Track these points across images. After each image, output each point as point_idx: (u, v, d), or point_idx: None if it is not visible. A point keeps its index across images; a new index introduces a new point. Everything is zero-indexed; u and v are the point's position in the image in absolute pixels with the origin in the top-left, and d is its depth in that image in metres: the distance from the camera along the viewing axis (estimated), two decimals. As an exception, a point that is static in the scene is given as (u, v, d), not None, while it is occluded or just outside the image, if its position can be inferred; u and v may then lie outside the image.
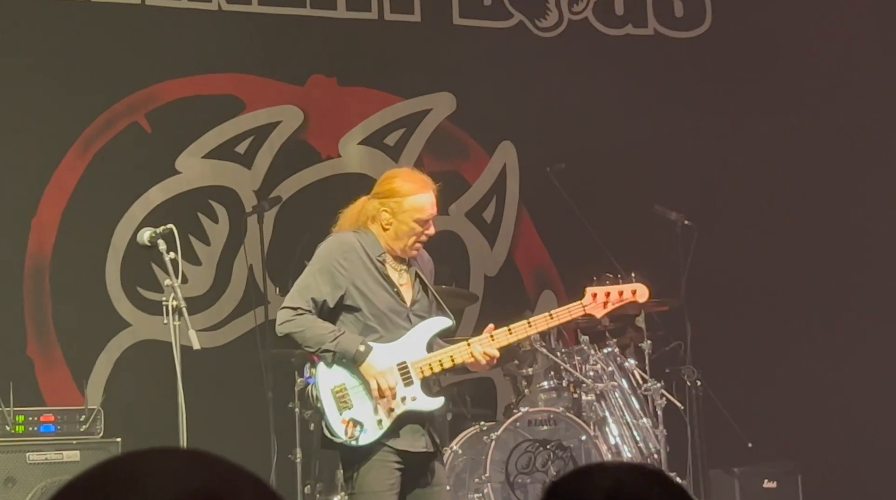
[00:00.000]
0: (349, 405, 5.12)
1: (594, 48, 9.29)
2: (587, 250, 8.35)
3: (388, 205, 5.29)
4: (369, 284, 5.22)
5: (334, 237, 5.39)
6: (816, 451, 8.55)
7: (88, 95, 8.28)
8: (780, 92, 9.27)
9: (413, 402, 5.19)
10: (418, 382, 5.20)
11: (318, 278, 5.22)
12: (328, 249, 5.31)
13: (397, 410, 5.15)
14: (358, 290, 5.20)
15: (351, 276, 5.20)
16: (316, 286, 5.20)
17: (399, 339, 5.23)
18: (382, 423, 5.13)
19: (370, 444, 5.12)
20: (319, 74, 8.82)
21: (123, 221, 8.25)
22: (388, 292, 5.25)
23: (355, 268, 5.21)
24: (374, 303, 5.21)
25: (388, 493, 5.11)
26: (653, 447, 7.38)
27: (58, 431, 7.00)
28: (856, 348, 8.99)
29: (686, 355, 7.95)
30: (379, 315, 5.21)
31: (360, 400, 5.14)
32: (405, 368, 5.20)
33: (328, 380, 5.16)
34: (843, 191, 9.25)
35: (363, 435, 5.10)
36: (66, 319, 8.14)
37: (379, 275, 5.25)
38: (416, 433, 5.21)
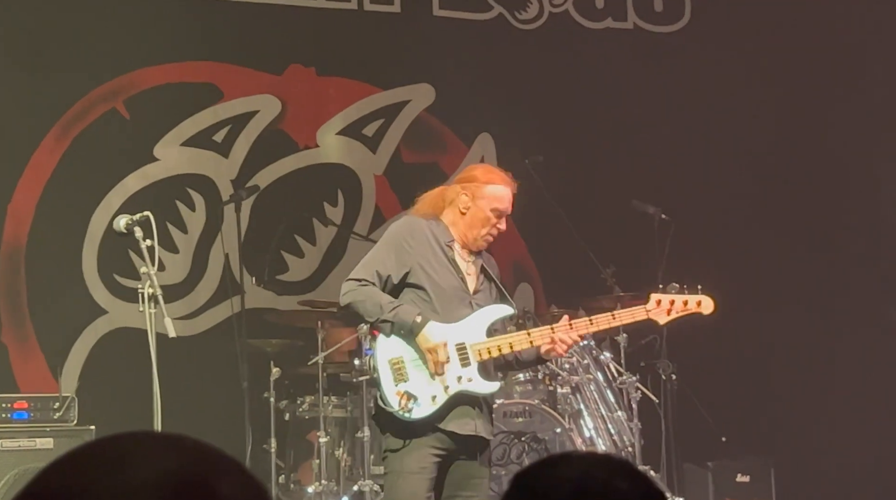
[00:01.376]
0: (405, 378, 5.11)
1: (574, 41, 9.30)
2: (565, 243, 8.36)
3: (469, 189, 5.35)
4: (434, 265, 5.24)
5: (405, 218, 5.45)
6: (789, 446, 8.59)
7: (66, 80, 8.24)
8: (758, 86, 9.30)
9: (469, 383, 5.17)
10: (476, 364, 5.19)
11: (384, 254, 5.24)
12: (397, 227, 5.36)
13: (453, 388, 5.14)
14: (423, 269, 5.21)
15: (417, 255, 5.22)
16: (381, 261, 5.22)
17: (460, 321, 5.22)
18: (437, 399, 5.11)
19: (423, 419, 5.09)
20: (298, 64, 8.81)
21: (100, 207, 8.23)
22: (453, 275, 5.27)
23: (422, 248, 5.24)
24: (437, 283, 5.22)
25: (418, 476, 5.08)
26: (627, 440, 7.40)
27: (31, 418, 6.97)
28: (830, 344, 9.04)
29: (661, 349, 7.97)
30: (441, 296, 5.20)
31: (416, 374, 5.13)
32: (464, 348, 5.19)
33: (387, 351, 5.15)
34: (820, 185, 9.29)
35: (416, 409, 5.08)
36: (41, 305, 8.12)
37: (445, 259, 5.28)
38: (466, 416, 5.17)
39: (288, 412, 7.72)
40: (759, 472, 8.25)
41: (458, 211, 5.33)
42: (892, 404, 9.18)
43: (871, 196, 9.43)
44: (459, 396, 5.16)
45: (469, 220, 5.32)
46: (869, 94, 9.37)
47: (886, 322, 9.23)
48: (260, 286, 8.28)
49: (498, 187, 5.36)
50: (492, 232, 5.35)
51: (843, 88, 9.31)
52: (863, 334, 9.09)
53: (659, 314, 5.54)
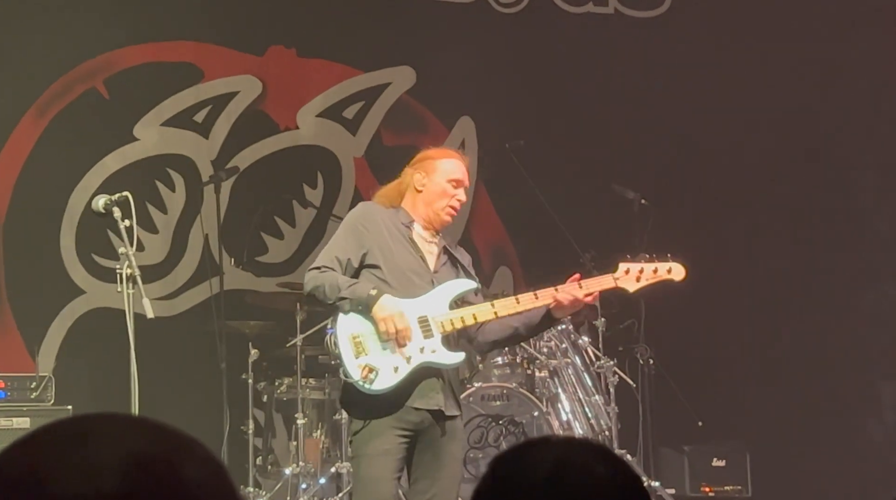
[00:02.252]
0: (366, 351, 5.10)
1: (555, 25, 9.30)
2: (544, 228, 8.37)
3: (423, 166, 5.40)
4: (391, 244, 5.25)
5: (361, 204, 5.51)
6: (765, 431, 8.64)
7: (46, 59, 8.20)
8: (738, 72, 9.32)
9: (433, 354, 5.16)
10: (439, 335, 5.18)
11: (341, 239, 5.27)
12: (353, 212, 5.41)
13: (415, 359, 5.12)
14: (380, 249, 5.22)
15: (373, 235, 5.24)
16: (340, 246, 5.24)
17: (421, 296, 5.22)
18: (399, 370, 5.09)
19: (385, 390, 5.07)
20: (279, 45, 8.78)
21: (79, 187, 8.20)
22: (411, 254, 5.28)
23: (378, 229, 5.25)
24: (395, 261, 5.22)
25: (383, 458, 5.06)
26: (604, 423, 7.43)
27: (8, 397, 6.96)
28: (806, 331, 9.08)
29: (639, 334, 8.00)
30: (399, 274, 5.21)
31: (376, 346, 5.11)
32: (426, 321, 5.18)
33: (346, 327, 5.15)
34: (801, 170, 9.32)
35: (378, 380, 5.06)
36: (19, 285, 8.09)
37: (403, 238, 5.29)
38: (431, 390, 5.15)
39: (266, 394, 7.72)
40: (735, 457, 8.30)
41: (415, 190, 5.35)
42: (866, 391, 9.24)
43: (850, 183, 9.46)
44: (423, 369, 5.14)
45: (427, 196, 5.34)
46: (851, 80, 9.40)
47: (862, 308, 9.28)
48: (239, 268, 8.26)
49: (449, 161, 5.41)
50: (452, 204, 5.35)
51: (824, 72, 9.33)
52: (840, 320, 9.14)
53: (628, 282, 5.48)
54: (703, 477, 8.22)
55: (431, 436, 5.16)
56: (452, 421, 5.24)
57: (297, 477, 7.25)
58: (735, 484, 8.24)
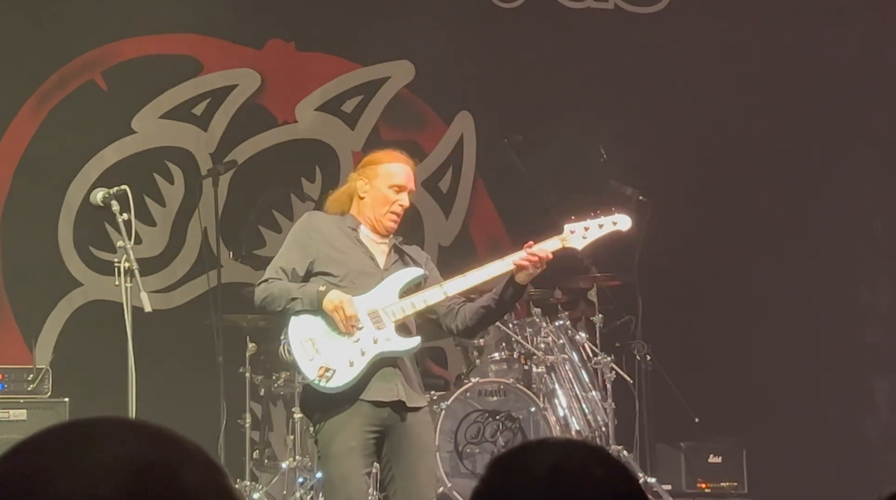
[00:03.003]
0: (318, 351, 5.12)
1: (555, 21, 9.29)
2: (542, 223, 8.34)
3: (365, 173, 5.39)
4: (340, 247, 5.26)
5: (306, 214, 5.53)
6: (761, 427, 8.64)
7: (44, 50, 8.19)
8: (738, 68, 9.31)
9: (387, 343, 5.15)
10: (391, 325, 5.17)
11: (286, 250, 5.30)
12: (297, 224, 5.42)
13: (370, 351, 5.12)
14: (328, 255, 5.23)
15: (319, 243, 5.25)
16: (285, 258, 5.27)
17: (370, 291, 5.22)
18: (354, 364, 5.09)
19: (344, 387, 5.06)
20: (278, 38, 8.77)
21: (77, 179, 8.20)
22: (359, 255, 5.28)
23: (323, 236, 5.26)
24: (344, 263, 5.23)
25: (349, 456, 5.04)
26: (601, 419, 7.43)
27: (5, 389, 6.96)
28: (802, 328, 9.08)
29: (637, 330, 8.01)
30: (350, 275, 5.21)
31: (329, 345, 5.12)
32: (376, 313, 5.18)
33: (297, 331, 5.16)
34: (799, 166, 9.32)
35: (336, 377, 5.06)
36: (16, 277, 8.08)
37: (349, 240, 5.30)
38: (388, 381, 5.13)
39: (263, 388, 7.72)
40: (732, 453, 8.30)
41: (358, 197, 5.35)
42: (862, 386, 9.25)
43: (848, 182, 9.46)
44: (379, 361, 5.13)
45: (369, 202, 5.33)
46: (850, 78, 9.40)
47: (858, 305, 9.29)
48: (237, 261, 8.26)
49: (391, 165, 5.37)
50: (394, 209, 5.32)
51: (823, 69, 9.33)
52: (836, 318, 9.14)
53: (575, 240, 5.45)
54: (699, 473, 8.23)
55: (400, 430, 5.14)
56: (417, 413, 5.21)
57: (294, 471, 7.25)
58: (731, 480, 8.24)
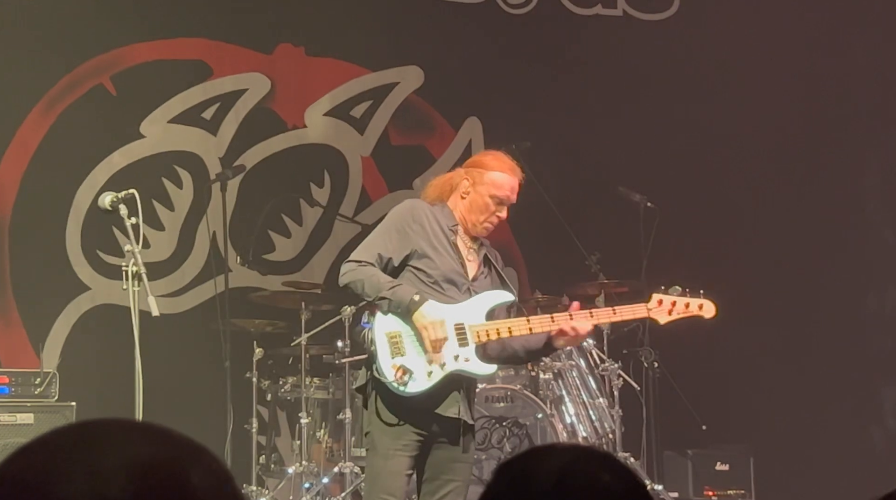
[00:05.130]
0: (402, 352, 5.08)
1: (563, 27, 9.29)
2: (549, 229, 8.36)
3: (471, 174, 5.34)
4: (436, 247, 5.21)
5: (408, 200, 5.41)
6: (769, 435, 8.63)
7: (54, 55, 8.20)
8: (747, 75, 9.31)
9: (466, 363, 5.15)
10: (473, 344, 5.16)
11: (386, 235, 5.22)
12: (400, 209, 5.32)
13: (449, 366, 5.11)
14: (423, 252, 5.19)
15: (419, 237, 5.20)
16: (383, 243, 5.19)
17: (460, 303, 5.20)
18: (433, 375, 5.09)
19: (417, 394, 5.06)
20: (287, 43, 8.78)
21: (85, 183, 8.20)
22: (451, 259, 5.24)
23: (424, 231, 5.21)
24: (437, 266, 5.19)
25: (400, 453, 5.06)
26: (608, 426, 7.42)
27: (12, 393, 6.96)
28: (809, 336, 9.07)
29: (644, 337, 7.99)
30: (440, 279, 5.18)
31: (413, 349, 5.10)
32: (462, 329, 5.16)
33: (384, 326, 5.12)
34: (807, 175, 9.31)
35: (412, 383, 5.05)
36: (24, 280, 8.09)
37: (447, 242, 5.25)
38: (453, 398, 5.14)
39: (270, 393, 7.72)
40: (739, 461, 8.29)
41: (459, 195, 5.31)
42: (870, 395, 9.23)
43: (855, 189, 9.45)
44: (453, 377, 5.14)
45: (468, 205, 5.29)
46: (858, 84, 9.39)
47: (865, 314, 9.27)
48: (244, 266, 8.26)
49: (499, 174, 5.33)
50: (490, 220, 5.30)
51: (831, 76, 9.32)
52: (844, 326, 9.13)
53: (660, 314, 5.53)
54: (706, 481, 8.22)
55: (447, 440, 5.17)
56: (467, 428, 5.24)
57: (301, 476, 7.25)
58: (738, 488, 8.23)
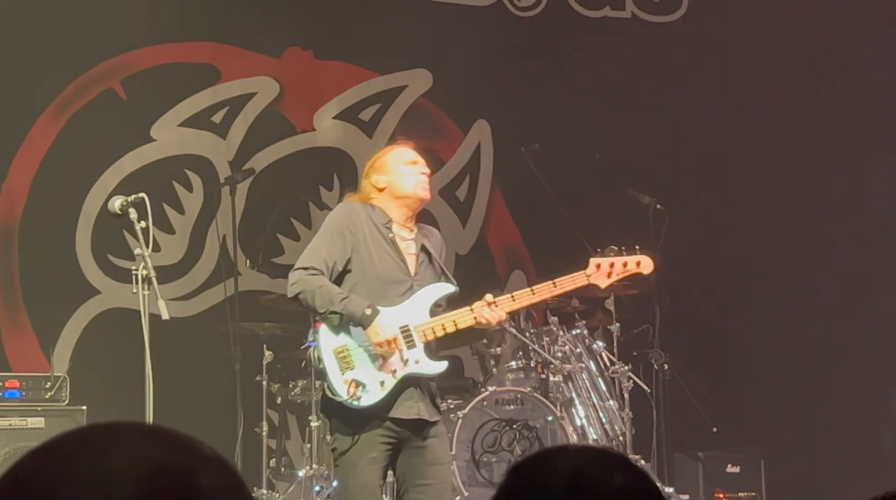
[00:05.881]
0: (351, 366, 5.11)
1: (572, 29, 9.29)
2: (559, 232, 8.36)
3: (375, 168, 5.41)
4: (374, 249, 5.24)
5: (342, 204, 5.44)
6: (780, 437, 8.61)
7: (63, 59, 8.22)
8: (755, 77, 9.29)
9: (416, 365, 5.18)
10: (421, 345, 5.19)
11: (329, 240, 5.24)
12: (336, 214, 5.35)
13: (400, 372, 5.14)
14: (362, 253, 5.22)
15: (358, 239, 5.23)
16: (327, 248, 5.22)
17: (401, 303, 5.22)
18: (385, 384, 5.11)
19: (372, 406, 5.08)
20: (296, 47, 8.79)
21: (95, 187, 8.22)
22: (392, 259, 5.27)
23: (362, 233, 5.24)
24: (376, 268, 5.22)
25: (369, 467, 5.07)
26: (618, 429, 7.41)
27: (23, 397, 6.97)
28: (820, 337, 9.05)
29: (654, 339, 7.98)
30: (381, 281, 5.21)
31: (362, 361, 5.13)
32: (408, 331, 5.19)
33: (331, 341, 5.15)
34: (816, 176, 9.29)
35: (365, 396, 5.08)
36: (34, 284, 8.10)
37: (385, 241, 5.27)
38: (410, 399, 5.16)
39: (280, 396, 7.72)
40: (750, 463, 8.27)
41: (378, 191, 5.34)
42: (881, 398, 9.20)
43: (866, 189, 9.43)
44: (405, 380, 5.15)
45: (392, 188, 5.34)
46: (868, 84, 9.37)
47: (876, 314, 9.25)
48: (254, 269, 8.26)
49: (396, 149, 5.46)
50: (418, 179, 5.35)
51: (841, 76, 9.31)
52: (855, 327, 9.10)
53: (599, 278, 5.57)
54: (717, 483, 8.20)
55: (415, 443, 5.17)
56: (435, 426, 5.25)
57: (311, 479, 7.25)
58: (749, 491, 8.21)
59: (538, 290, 5.45)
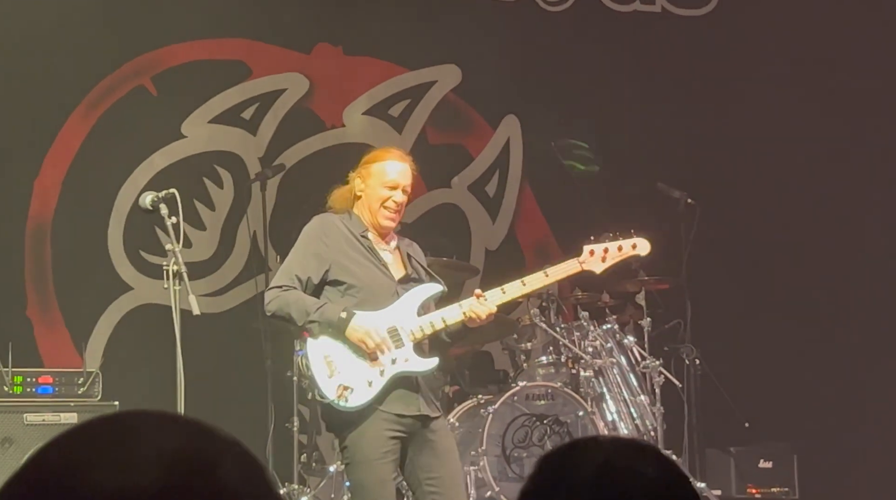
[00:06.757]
0: (338, 371, 5.16)
1: (602, 24, 9.26)
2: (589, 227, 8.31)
3: (360, 173, 5.43)
4: (354, 257, 5.27)
5: (316, 218, 5.46)
6: (813, 432, 8.56)
7: (95, 56, 8.26)
8: (785, 70, 9.25)
9: (406, 363, 5.21)
10: (410, 344, 5.22)
11: (301, 257, 5.28)
12: (310, 228, 5.38)
13: (389, 371, 5.17)
14: (342, 264, 5.24)
15: (334, 251, 5.26)
16: (299, 265, 5.26)
17: (388, 306, 5.25)
18: (373, 384, 5.14)
19: (362, 406, 5.13)
20: (326, 43, 8.80)
21: (127, 184, 8.25)
22: (374, 265, 5.30)
23: (338, 244, 5.27)
24: (358, 276, 5.25)
25: (382, 461, 5.11)
26: (650, 424, 7.39)
27: (56, 393, 7.00)
28: (854, 329, 9.00)
29: (685, 334, 7.96)
30: (365, 288, 5.24)
31: (348, 365, 5.17)
32: (395, 331, 5.22)
33: (317, 349, 5.21)
34: (847, 172, 9.24)
35: (353, 396, 5.12)
36: (66, 281, 8.15)
37: (363, 249, 5.30)
38: (408, 397, 5.20)
39: (311, 391, 7.71)
40: (782, 458, 8.22)
41: (356, 196, 5.37)
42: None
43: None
44: (397, 379, 5.18)
45: (366, 201, 5.36)
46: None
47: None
48: (284, 265, 8.27)
49: (383, 163, 5.39)
50: (387, 205, 5.32)
51: (877, 67, 9.25)
52: (889, 320, 9.04)
53: (594, 264, 5.56)
54: (749, 478, 8.16)
55: (422, 438, 5.21)
56: (438, 420, 5.28)
57: (342, 475, 7.25)
58: (782, 486, 8.17)
59: (529, 281, 5.46)
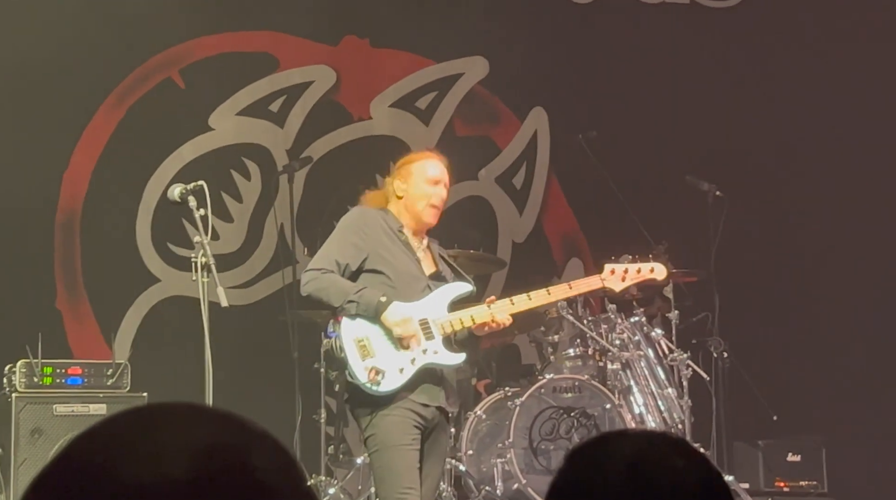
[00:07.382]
0: (371, 354, 5.25)
1: (630, 16, 9.23)
2: (616, 219, 8.32)
3: (399, 174, 5.53)
4: (391, 248, 5.39)
5: (356, 208, 5.61)
6: (841, 425, 8.52)
7: (123, 49, 8.29)
8: (814, 62, 9.20)
9: (435, 355, 5.33)
10: (440, 337, 5.34)
11: (341, 243, 5.39)
12: (350, 217, 5.52)
13: (419, 361, 5.29)
14: (379, 254, 5.36)
15: (373, 241, 5.37)
16: (339, 250, 5.36)
17: (420, 300, 5.36)
18: (404, 371, 5.25)
19: (392, 392, 5.22)
20: (353, 35, 8.80)
21: (155, 176, 8.28)
22: (408, 258, 5.42)
23: (376, 234, 5.38)
24: (395, 266, 5.36)
25: (411, 447, 5.21)
26: (677, 417, 7.38)
27: (85, 384, 7.04)
28: (884, 323, 8.95)
29: (713, 327, 7.93)
30: (400, 277, 5.35)
31: (382, 349, 5.27)
32: (426, 323, 5.34)
33: (351, 331, 5.28)
34: (878, 164, 9.19)
35: (384, 381, 5.21)
36: (95, 273, 8.19)
37: (399, 242, 5.42)
38: (435, 388, 5.33)
39: (338, 383, 7.73)
40: (811, 452, 8.19)
41: (397, 198, 5.48)
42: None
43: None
44: (425, 371, 5.29)
45: (408, 201, 5.47)
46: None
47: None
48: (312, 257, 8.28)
49: (423, 162, 5.55)
50: (432, 202, 5.47)
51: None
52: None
53: (614, 282, 5.89)
54: (777, 472, 8.13)
55: (435, 432, 5.37)
56: (446, 417, 5.47)
57: (369, 466, 7.26)
58: (811, 479, 8.14)
59: (554, 291, 5.72)
